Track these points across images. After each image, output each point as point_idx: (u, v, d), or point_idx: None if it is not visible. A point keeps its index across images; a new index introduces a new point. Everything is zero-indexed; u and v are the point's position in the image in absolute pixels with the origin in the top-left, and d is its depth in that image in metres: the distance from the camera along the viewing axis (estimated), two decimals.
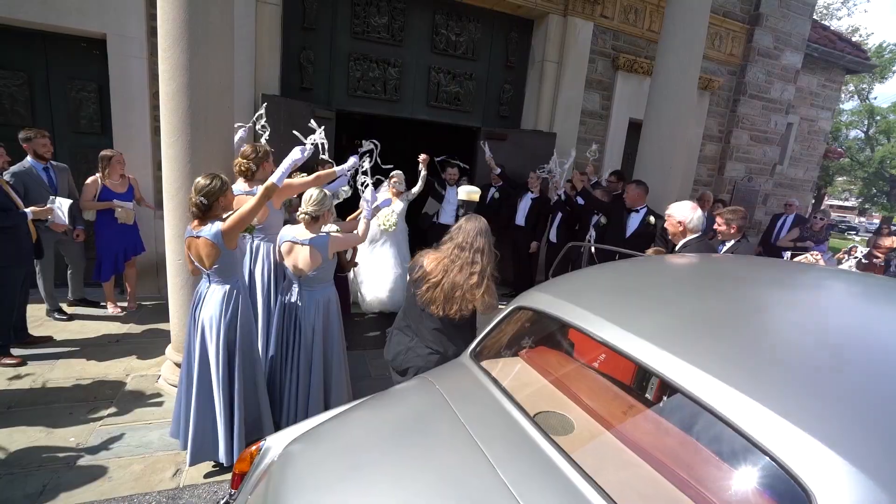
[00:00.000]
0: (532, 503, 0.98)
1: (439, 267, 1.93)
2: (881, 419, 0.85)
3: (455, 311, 1.87)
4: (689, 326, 1.18)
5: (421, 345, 1.97)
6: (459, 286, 1.88)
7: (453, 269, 1.89)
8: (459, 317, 1.89)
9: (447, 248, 1.97)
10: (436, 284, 1.90)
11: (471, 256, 1.91)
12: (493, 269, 1.96)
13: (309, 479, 1.20)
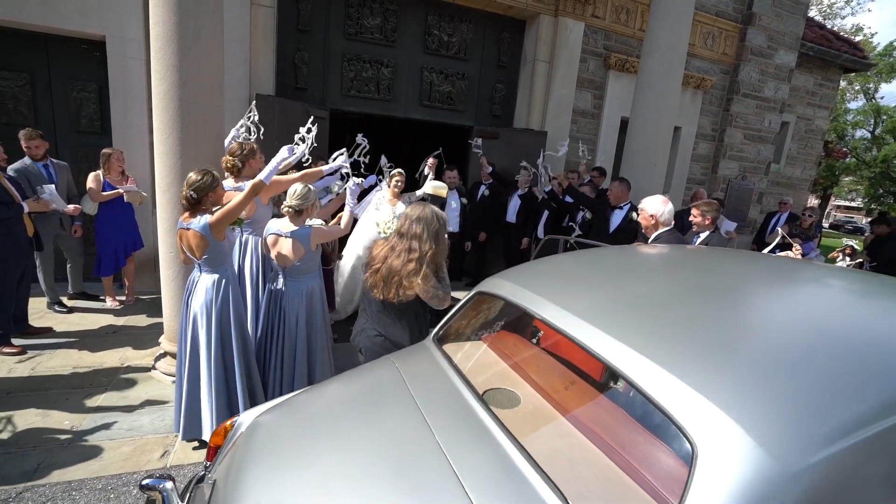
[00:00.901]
0: (460, 462, 1.08)
1: (381, 253, 2.02)
2: (769, 386, 0.94)
3: (392, 296, 1.94)
4: (616, 306, 1.28)
5: (370, 326, 2.08)
6: (397, 272, 1.95)
7: (392, 255, 1.98)
8: (398, 301, 1.95)
9: (391, 236, 2.08)
10: (376, 270, 1.99)
11: (408, 243, 1.97)
12: (436, 255, 1.99)
13: (268, 444, 1.31)
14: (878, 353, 1.00)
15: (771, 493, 0.80)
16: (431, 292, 1.97)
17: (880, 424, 0.86)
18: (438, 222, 2.05)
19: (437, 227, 2.03)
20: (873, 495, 0.87)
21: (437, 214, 2.08)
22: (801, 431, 0.85)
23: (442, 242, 2.04)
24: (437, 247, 2.01)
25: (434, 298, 2.00)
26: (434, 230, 2.02)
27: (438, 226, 2.04)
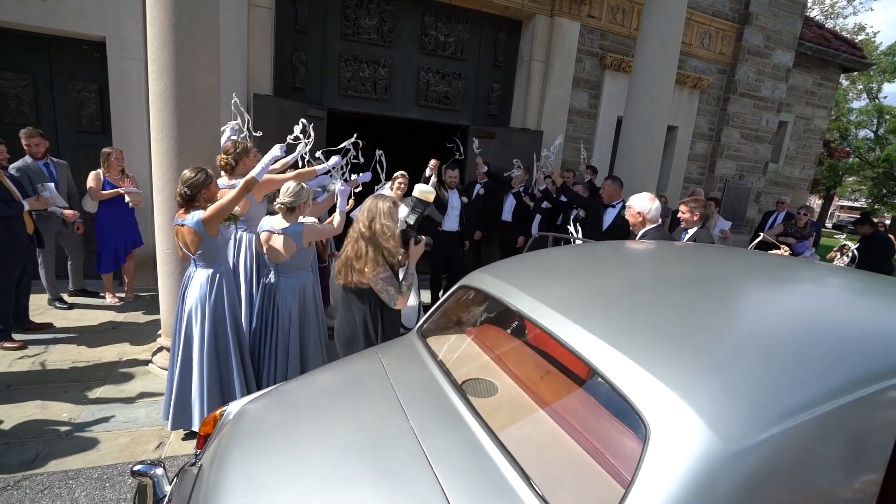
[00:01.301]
0: (431, 445, 1.13)
1: (348, 240, 2.14)
2: (721, 370, 0.99)
3: (349, 281, 2.06)
4: (586, 297, 1.33)
5: (342, 309, 2.18)
6: (351, 259, 2.07)
7: (349, 243, 2.09)
8: (354, 286, 2.08)
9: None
10: (341, 256, 2.13)
11: (357, 233, 2.08)
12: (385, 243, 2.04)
13: (252, 429, 1.36)
14: (829, 341, 1.04)
15: (716, 469, 0.84)
16: (380, 285, 2.04)
17: (824, 408, 0.90)
18: (379, 213, 2.10)
19: (373, 216, 2.10)
20: (820, 475, 0.91)
21: (379, 207, 2.12)
22: (747, 413, 0.89)
23: (379, 233, 2.07)
24: (383, 236, 2.06)
25: (384, 293, 2.06)
26: (386, 222, 2.09)
27: (375, 215, 2.10)
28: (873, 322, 1.14)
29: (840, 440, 0.91)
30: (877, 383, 0.93)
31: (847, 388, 0.92)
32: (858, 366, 0.96)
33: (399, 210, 4.16)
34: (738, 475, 0.84)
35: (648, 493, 0.85)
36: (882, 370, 0.95)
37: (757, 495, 0.85)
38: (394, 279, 2.11)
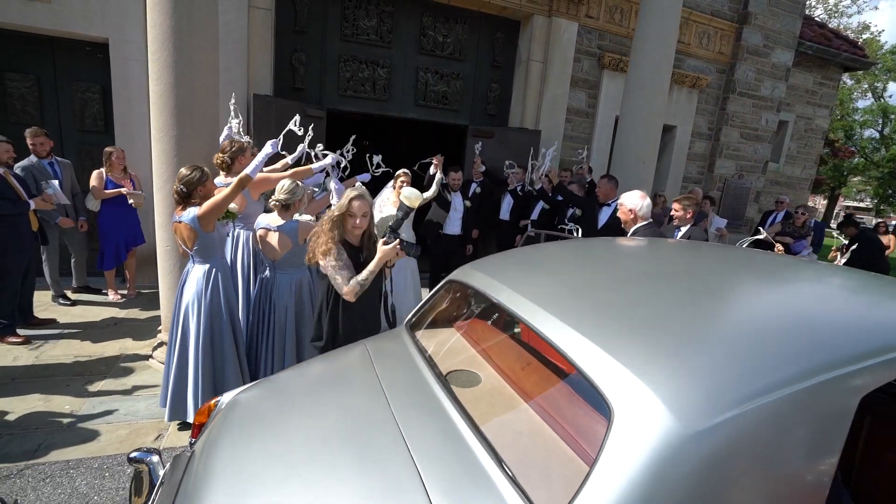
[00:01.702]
0: (409, 430, 1.18)
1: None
2: (684, 356, 1.03)
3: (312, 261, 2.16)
4: (564, 290, 1.37)
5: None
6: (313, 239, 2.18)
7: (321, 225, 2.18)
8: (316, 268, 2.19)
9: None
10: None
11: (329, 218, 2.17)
12: (332, 230, 2.12)
13: (241, 416, 1.42)
14: (788, 331, 1.08)
15: (675, 448, 0.88)
16: (330, 271, 2.10)
17: (779, 394, 0.94)
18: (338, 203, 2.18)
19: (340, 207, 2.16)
20: (776, 458, 0.95)
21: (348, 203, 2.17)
22: (706, 397, 0.93)
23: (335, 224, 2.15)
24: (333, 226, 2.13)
25: (333, 280, 2.11)
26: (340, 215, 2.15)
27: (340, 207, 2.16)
28: (833, 313, 1.18)
29: (795, 425, 0.95)
30: (831, 372, 0.97)
31: (802, 376, 0.96)
32: (814, 354, 1.01)
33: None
34: (695, 455, 0.89)
35: (610, 470, 0.89)
36: (837, 359, 0.99)
37: (714, 475, 0.89)
38: (345, 269, 2.11)
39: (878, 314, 1.18)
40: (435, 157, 4.63)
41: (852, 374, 0.98)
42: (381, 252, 2.14)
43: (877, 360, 1.00)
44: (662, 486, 0.87)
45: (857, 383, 0.99)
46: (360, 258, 2.25)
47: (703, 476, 0.88)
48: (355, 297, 2.11)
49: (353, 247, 2.25)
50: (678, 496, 0.87)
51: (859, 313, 1.20)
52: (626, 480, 0.87)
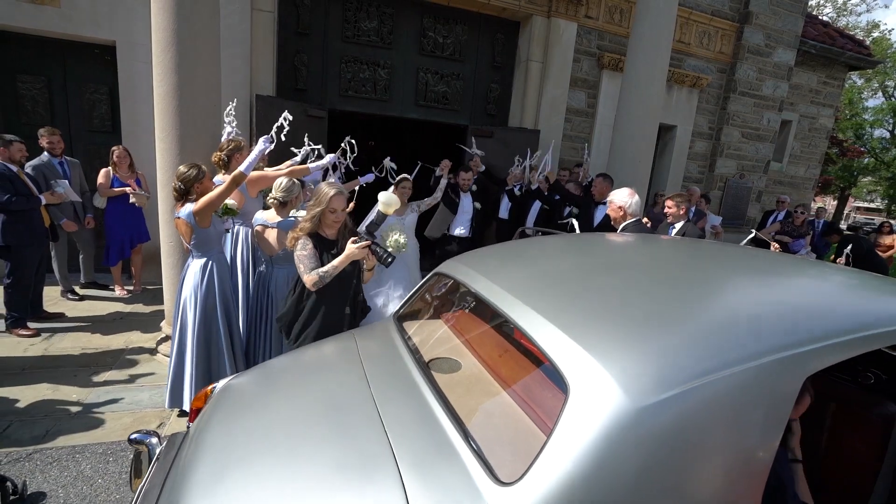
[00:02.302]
0: (385, 409, 1.26)
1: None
2: (636, 338, 1.10)
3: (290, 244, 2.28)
4: (536, 279, 1.44)
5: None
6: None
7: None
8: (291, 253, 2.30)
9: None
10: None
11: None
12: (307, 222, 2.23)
13: (232, 398, 1.50)
14: (736, 317, 1.15)
15: (623, 420, 0.95)
16: (295, 258, 2.20)
17: (722, 374, 1.01)
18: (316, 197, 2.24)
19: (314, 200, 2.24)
20: (719, 434, 1.01)
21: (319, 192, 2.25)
22: (654, 375, 1.00)
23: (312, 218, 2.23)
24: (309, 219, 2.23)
25: (298, 265, 2.20)
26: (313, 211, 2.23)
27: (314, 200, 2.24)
28: (780, 301, 1.24)
29: (739, 403, 1.01)
30: (774, 355, 1.03)
31: (746, 358, 1.02)
32: (759, 339, 1.07)
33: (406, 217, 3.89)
34: (642, 427, 0.95)
35: (564, 439, 0.96)
36: (780, 343, 1.06)
37: (661, 445, 0.96)
38: (310, 259, 2.19)
39: (822, 301, 1.24)
40: (442, 163, 4.69)
41: (795, 357, 1.05)
42: (348, 250, 2.17)
43: (818, 344, 1.06)
44: (611, 454, 0.93)
45: (799, 366, 1.05)
46: (334, 250, 2.30)
47: (650, 446, 0.95)
48: (315, 287, 2.17)
49: (328, 240, 2.31)
50: (626, 463, 0.94)
51: (805, 301, 1.26)
52: (578, 448, 0.94)
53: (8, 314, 3.59)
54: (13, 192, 3.46)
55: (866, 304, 1.28)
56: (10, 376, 3.09)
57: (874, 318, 1.16)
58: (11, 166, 3.55)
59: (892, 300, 1.28)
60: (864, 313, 1.21)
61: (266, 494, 1.05)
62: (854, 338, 1.09)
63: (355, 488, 1.03)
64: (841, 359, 1.10)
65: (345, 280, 2.29)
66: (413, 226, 4.08)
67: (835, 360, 1.09)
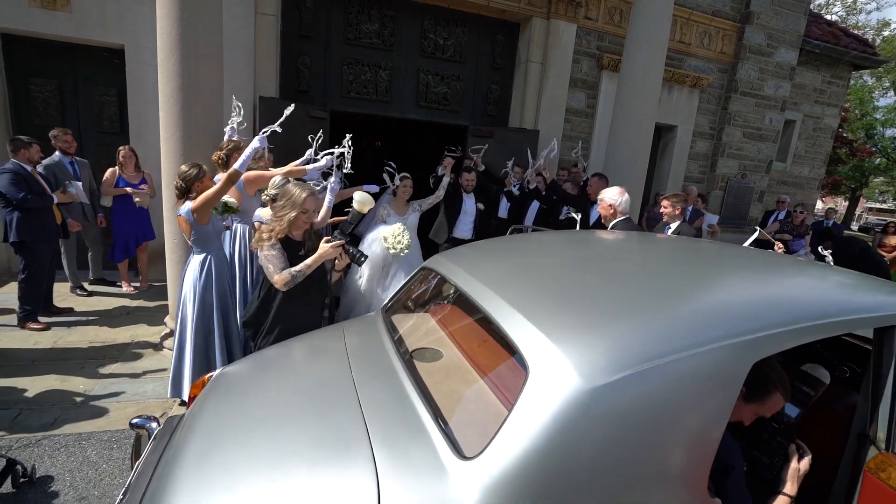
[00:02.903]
0: (363, 391, 1.34)
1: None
2: (593, 325, 1.17)
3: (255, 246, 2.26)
4: (511, 273, 1.52)
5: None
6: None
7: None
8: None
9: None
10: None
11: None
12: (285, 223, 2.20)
13: (225, 383, 1.60)
14: (692, 305, 1.22)
15: (576, 398, 1.02)
16: (262, 260, 2.18)
17: (674, 357, 1.08)
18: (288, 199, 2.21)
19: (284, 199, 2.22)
20: (668, 415, 1.08)
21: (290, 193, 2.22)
22: (607, 359, 1.07)
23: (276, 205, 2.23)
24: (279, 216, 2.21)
25: (265, 268, 2.18)
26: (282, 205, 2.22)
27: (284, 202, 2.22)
28: (733, 292, 1.31)
29: (688, 385, 1.08)
30: (723, 341, 1.10)
31: (696, 343, 1.09)
32: (710, 326, 1.14)
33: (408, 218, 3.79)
34: (594, 406, 1.02)
35: (523, 415, 1.04)
36: (729, 331, 1.13)
37: (612, 422, 1.03)
38: (279, 259, 2.16)
39: (773, 293, 1.30)
40: (444, 160, 4.53)
41: (742, 343, 1.11)
42: (321, 249, 2.18)
43: (764, 333, 1.13)
44: (565, 430, 1.01)
45: (747, 351, 1.11)
46: (302, 251, 2.29)
47: (602, 423, 1.02)
48: (286, 287, 2.15)
49: (296, 242, 2.31)
50: (579, 439, 1.01)
51: (756, 292, 1.32)
52: (534, 425, 1.02)
53: (21, 308, 3.73)
54: (28, 191, 3.61)
55: (816, 295, 1.34)
56: (21, 367, 3.23)
57: (821, 310, 1.23)
58: (27, 166, 3.69)
59: (842, 292, 1.35)
60: (812, 304, 1.27)
61: (248, 467, 1.14)
62: (799, 327, 1.16)
63: (330, 461, 1.12)
64: (787, 346, 1.17)
65: (319, 283, 2.29)
66: (415, 226, 3.99)
67: (781, 347, 1.15)
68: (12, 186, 3.54)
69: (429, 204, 4.15)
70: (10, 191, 3.53)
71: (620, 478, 1.04)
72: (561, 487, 1.01)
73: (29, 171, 3.68)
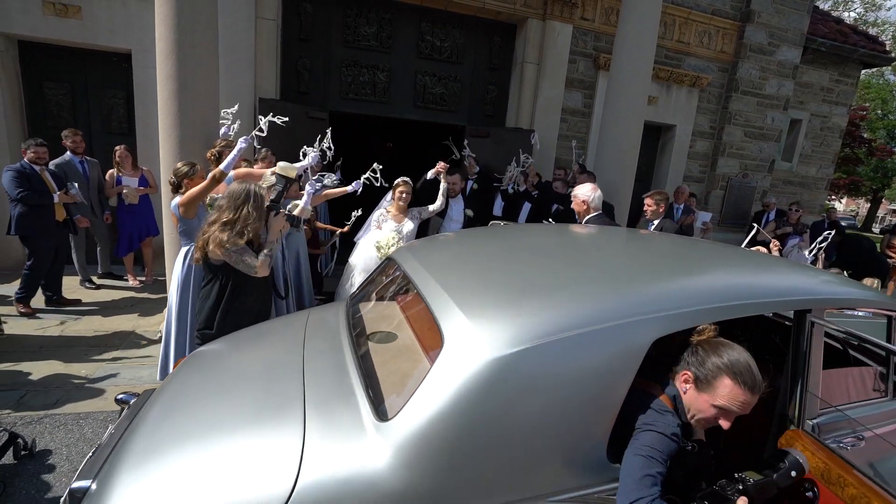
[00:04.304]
0: (309, 364, 1.48)
1: (210, 220, 2.29)
2: (507, 302, 1.28)
3: (200, 256, 2.25)
4: (454, 259, 1.64)
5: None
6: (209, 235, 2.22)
7: (212, 223, 2.24)
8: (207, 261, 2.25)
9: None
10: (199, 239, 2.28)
11: (216, 214, 2.26)
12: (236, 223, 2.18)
13: (196, 361, 1.75)
14: (599, 288, 1.32)
15: (481, 368, 1.13)
16: (234, 257, 2.17)
17: (573, 332, 1.18)
18: (244, 196, 2.23)
19: (241, 200, 2.22)
20: (567, 385, 1.18)
21: (249, 191, 2.24)
22: (514, 331, 1.18)
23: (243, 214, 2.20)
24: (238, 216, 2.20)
25: (240, 264, 2.19)
26: (237, 204, 2.22)
27: (242, 200, 2.22)
28: (639, 276, 1.40)
29: (586, 358, 1.18)
30: (622, 319, 1.20)
31: (595, 321, 1.20)
32: (611, 306, 1.24)
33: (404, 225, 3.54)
34: (498, 374, 1.14)
35: (434, 381, 1.16)
36: (628, 311, 1.22)
37: (514, 391, 1.14)
38: (248, 250, 2.21)
39: (681, 277, 1.39)
40: (438, 165, 4.22)
41: (640, 322, 1.21)
42: (274, 223, 2.29)
43: (665, 313, 1.22)
44: (471, 394, 1.13)
45: (645, 329, 1.21)
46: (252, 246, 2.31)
47: (505, 388, 1.14)
48: (269, 267, 2.25)
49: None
50: (485, 401, 1.12)
51: (666, 276, 1.41)
52: (444, 389, 1.14)
53: (19, 290, 4.01)
54: (27, 188, 3.81)
55: (727, 280, 1.43)
56: (29, 353, 3.45)
57: (728, 293, 1.31)
58: (35, 166, 3.92)
59: (759, 277, 1.43)
60: (719, 288, 1.36)
61: (195, 429, 1.27)
62: (698, 309, 1.25)
63: (268, 423, 1.25)
64: (689, 325, 1.26)
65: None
66: (412, 234, 3.68)
67: (681, 326, 1.25)
68: (12, 183, 3.77)
69: (429, 213, 3.90)
70: (10, 187, 3.77)
71: (521, 440, 1.14)
72: (467, 446, 1.12)
73: (37, 170, 3.90)
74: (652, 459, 1.13)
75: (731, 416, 1.22)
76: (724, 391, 1.21)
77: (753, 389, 1.20)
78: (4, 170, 3.84)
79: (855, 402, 1.79)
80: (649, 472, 1.11)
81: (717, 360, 1.22)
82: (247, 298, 2.28)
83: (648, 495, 1.08)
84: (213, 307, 2.25)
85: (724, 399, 1.21)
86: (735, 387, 1.20)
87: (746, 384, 1.20)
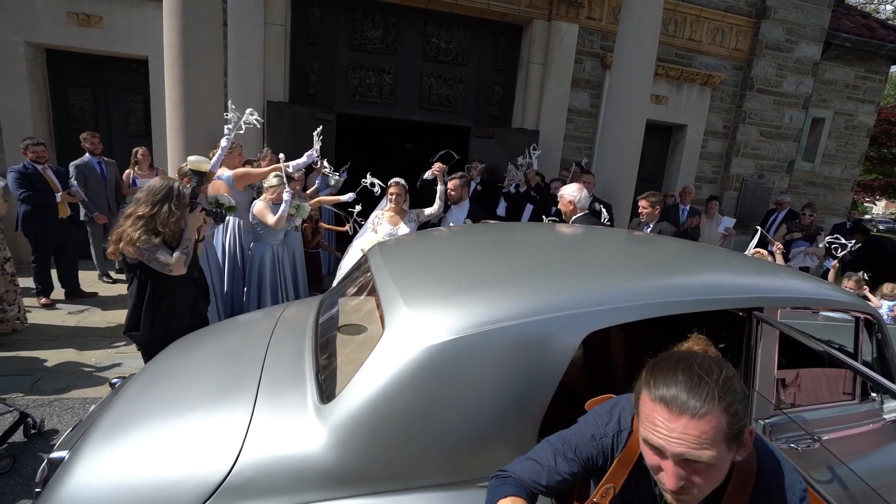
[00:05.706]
0: (272, 351, 1.56)
1: (124, 216, 2.18)
2: (443, 294, 1.33)
3: (112, 251, 2.16)
4: (415, 253, 1.70)
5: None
6: (122, 233, 2.12)
7: (127, 218, 2.15)
8: (125, 259, 2.19)
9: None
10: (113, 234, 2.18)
11: (132, 209, 2.15)
12: (154, 219, 2.09)
13: (178, 347, 1.86)
14: (528, 282, 1.36)
15: (416, 355, 1.19)
16: (147, 255, 2.08)
17: (507, 323, 1.23)
18: (166, 192, 2.14)
19: (161, 196, 2.13)
20: (501, 373, 1.22)
21: (171, 188, 2.15)
22: (450, 321, 1.23)
23: (163, 212, 2.11)
24: (155, 211, 2.10)
25: (154, 262, 2.09)
26: (156, 199, 2.12)
27: (163, 196, 2.13)
28: (584, 272, 1.43)
29: (521, 349, 1.22)
30: (556, 313, 1.24)
31: (530, 313, 1.24)
32: (545, 299, 1.28)
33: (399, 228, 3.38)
34: (432, 360, 1.19)
35: (372, 366, 1.22)
36: (563, 305, 1.26)
37: (446, 376, 1.19)
38: (162, 248, 2.12)
39: (623, 274, 1.42)
40: (435, 166, 3.87)
41: (574, 315, 1.25)
42: (190, 220, 2.20)
43: (595, 308, 1.26)
44: (405, 378, 1.18)
45: (577, 323, 1.24)
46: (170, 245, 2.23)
47: (438, 374, 1.19)
48: (185, 265, 2.14)
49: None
50: (417, 385, 1.18)
51: (608, 273, 1.44)
52: (380, 373, 1.20)
53: (36, 285, 4.27)
54: (28, 188, 4.03)
55: (675, 277, 1.44)
56: (46, 341, 3.68)
57: (669, 290, 1.34)
58: (37, 165, 4.13)
59: (713, 276, 1.44)
60: (664, 286, 1.38)
61: (158, 408, 1.37)
62: (634, 305, 1.28)
63: (223, 403, 1.33)
64: (624, 321, 1.29)
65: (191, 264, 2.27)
66: None
67: (615, 321, 1.28)
68: (14, 184, 4.01)
69: (427, 216, 3.71)
70: (13, 188, 4.00)
71: (452, 425, 1.19)
72: (398, 429, 1.18)
73: (39, 170, 4.12)
74: (555, 449, 1.01)
75: (664, 460, 0.80)
76: (648, 412, 0.82)
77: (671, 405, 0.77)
78: (8, 171, 4.07)
79: (824, 404, 1.77)
80: (534, 457, 1.01)
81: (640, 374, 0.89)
82: (174, 298, 2.20)
83: (507, 470, 0.99)
84: (136, 307, 2.17)
85: (648, 423, 0.81)
86: (655, 405, 0.80)
87: (659, 397, 0.79)
